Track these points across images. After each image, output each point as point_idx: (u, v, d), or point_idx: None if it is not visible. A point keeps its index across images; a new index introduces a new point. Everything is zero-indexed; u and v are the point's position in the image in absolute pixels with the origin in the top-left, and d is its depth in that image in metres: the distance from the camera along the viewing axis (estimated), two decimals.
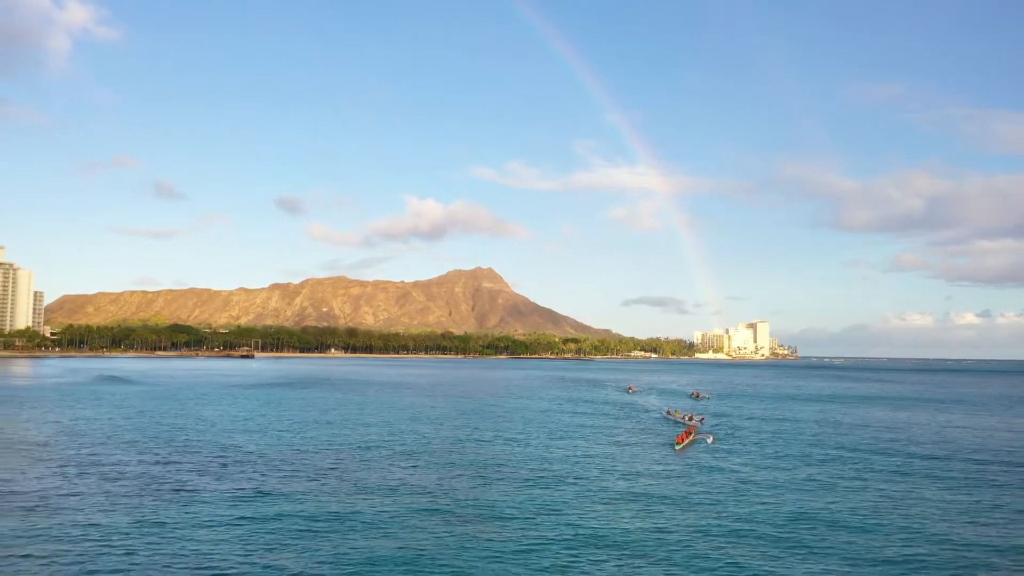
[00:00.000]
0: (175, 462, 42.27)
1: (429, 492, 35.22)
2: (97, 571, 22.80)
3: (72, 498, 32.31)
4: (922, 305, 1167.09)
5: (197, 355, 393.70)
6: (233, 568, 23.36)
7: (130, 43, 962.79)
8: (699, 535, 28.12)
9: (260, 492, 34.26)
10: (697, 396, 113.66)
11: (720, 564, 24.55)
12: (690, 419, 70.77)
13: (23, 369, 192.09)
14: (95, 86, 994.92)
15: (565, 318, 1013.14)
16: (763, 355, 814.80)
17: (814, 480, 40.61)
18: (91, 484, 35.46)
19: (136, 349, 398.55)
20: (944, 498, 36.21)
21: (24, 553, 24.13)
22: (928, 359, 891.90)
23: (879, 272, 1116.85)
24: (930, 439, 61.84)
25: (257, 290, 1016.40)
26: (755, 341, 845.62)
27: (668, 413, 79.29)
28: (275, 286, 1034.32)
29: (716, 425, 68.90)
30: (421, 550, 25.46)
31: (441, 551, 25.30)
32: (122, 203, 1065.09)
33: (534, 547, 26.19)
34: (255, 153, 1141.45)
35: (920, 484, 39.90)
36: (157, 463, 41.82)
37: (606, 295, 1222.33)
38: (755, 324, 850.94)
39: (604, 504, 33.34)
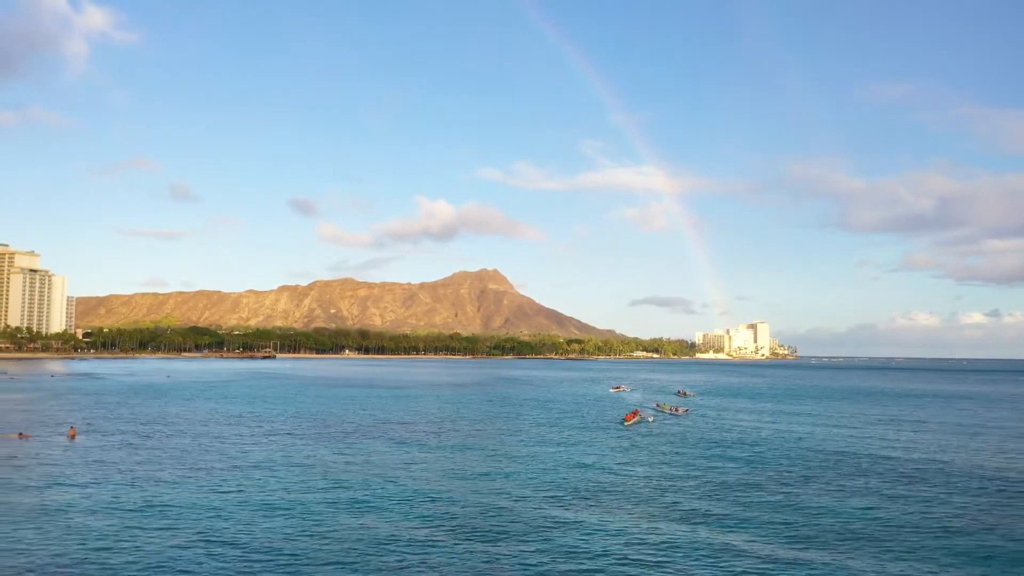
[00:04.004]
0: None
1: (433, 467, 56.99)
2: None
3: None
4: (930, 305, 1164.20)
5: (222, 356, 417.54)
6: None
7: (147, 47, 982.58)
8: (617, 478, 49.37)
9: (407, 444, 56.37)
10: (683, 395, 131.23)
11: (623, 495, 45.60)
12: (676, 411, 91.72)
13: (129, 365, 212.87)
14: (112, 89, 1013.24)
15: (570, 319, 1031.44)
16: (763, 355, 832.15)
17: (710, 451, 61.54)
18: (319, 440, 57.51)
19: (163, 351, 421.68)
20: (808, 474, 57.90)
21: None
22: (934, 359, 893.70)
23: (887, 272, 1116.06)
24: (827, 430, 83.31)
25: (266, 292, 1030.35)
26: (755, 341, 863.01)
27: (657, 406, 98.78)
28: (283, 288, 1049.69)
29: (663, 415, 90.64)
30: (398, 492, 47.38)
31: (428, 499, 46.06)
32: (138, 205, 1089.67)
33: (501, 487, 47.78)
34: (269, 155, 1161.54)
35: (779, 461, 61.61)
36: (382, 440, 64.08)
37: (613, 296, 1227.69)
38: (755, 324, 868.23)
39: (562, 458, 54.98)
